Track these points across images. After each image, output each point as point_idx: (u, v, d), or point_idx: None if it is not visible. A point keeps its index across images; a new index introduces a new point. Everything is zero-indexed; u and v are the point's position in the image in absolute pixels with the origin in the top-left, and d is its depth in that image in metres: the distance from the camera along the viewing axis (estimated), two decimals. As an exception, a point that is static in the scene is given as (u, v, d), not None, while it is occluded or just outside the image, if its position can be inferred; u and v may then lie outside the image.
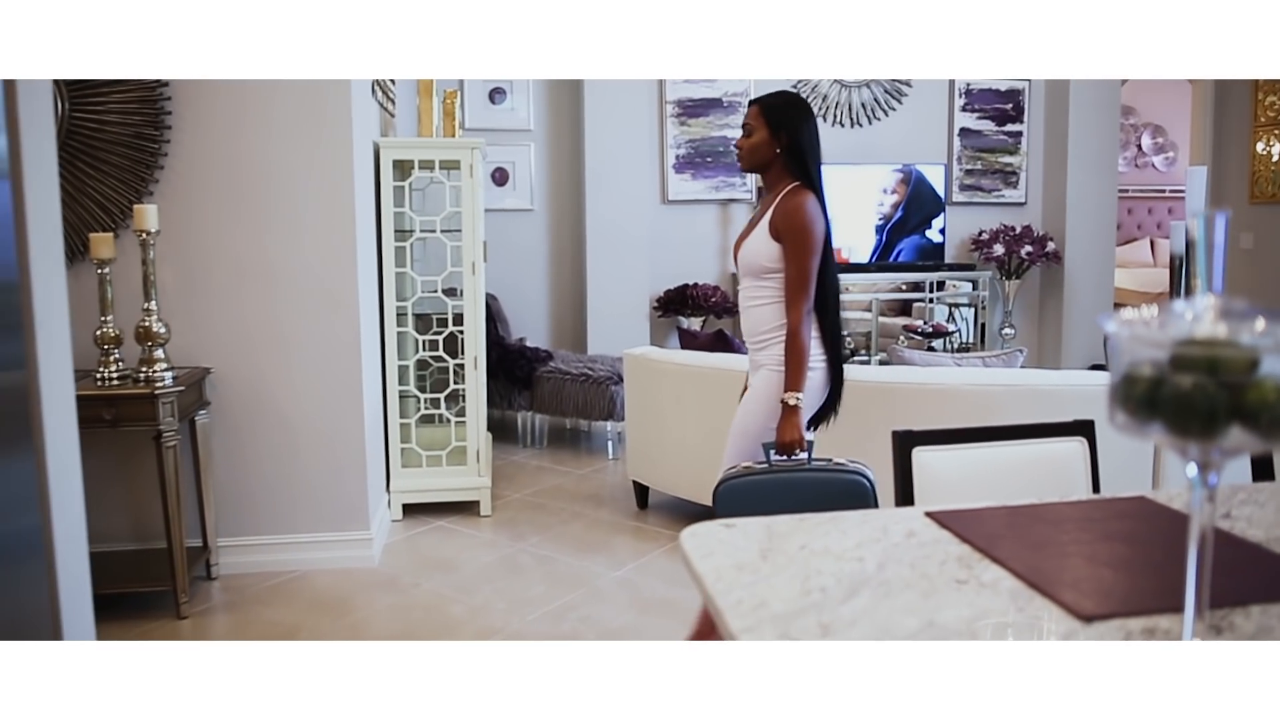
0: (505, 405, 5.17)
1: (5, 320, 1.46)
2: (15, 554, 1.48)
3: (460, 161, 4.08)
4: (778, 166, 2.62)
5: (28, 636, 1.51)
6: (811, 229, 2.51)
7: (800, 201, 2.54)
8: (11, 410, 1.48)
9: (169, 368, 3.09)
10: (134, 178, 3.37)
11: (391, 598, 3.20)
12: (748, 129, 2.65)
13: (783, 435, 2.48)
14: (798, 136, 2.59)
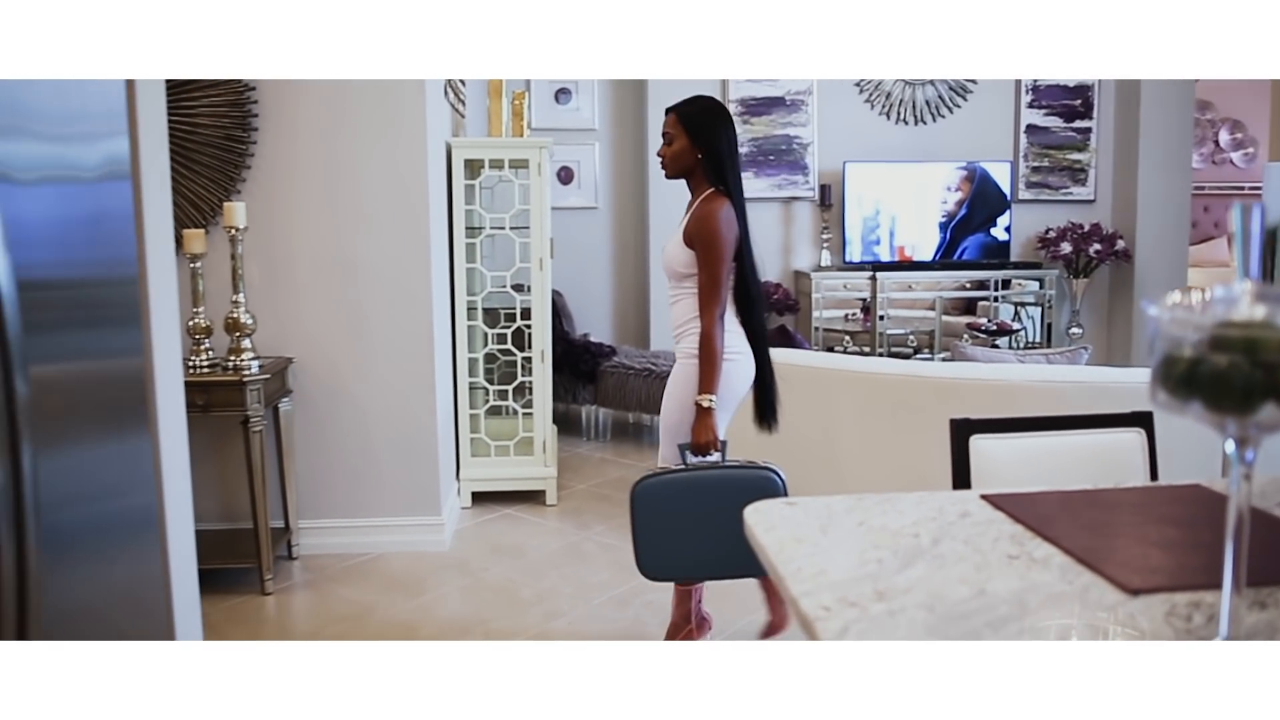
0: (569, 399, 5.28)
1: (127, 312, 1.58)
2: (135, 527, 1.60)
3: (529, 160, 4.20)
4: (698, 173, 2.67)
5: (144, 602, 1.64)
6: (721, 236, 2.56)
7: (711, 209, 2.59)
8: (132, 395, 1.60)
9: (255, 357, 3.26)
10: (223, 177, 3.56)
11: (462, 580, 3.33)
12: (667, 137, 2.71)
13: (696, 436, 2.56)
14: (715, 144, 2.63)
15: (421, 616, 3.05)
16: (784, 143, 6.49)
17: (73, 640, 1.34)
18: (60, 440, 1.35)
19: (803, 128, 6.51)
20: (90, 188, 1.46)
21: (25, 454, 1.16)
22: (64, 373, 1.37)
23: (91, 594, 1.44)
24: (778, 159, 6.51)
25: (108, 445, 1.51)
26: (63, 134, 1.40)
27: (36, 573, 1.17)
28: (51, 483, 1.29)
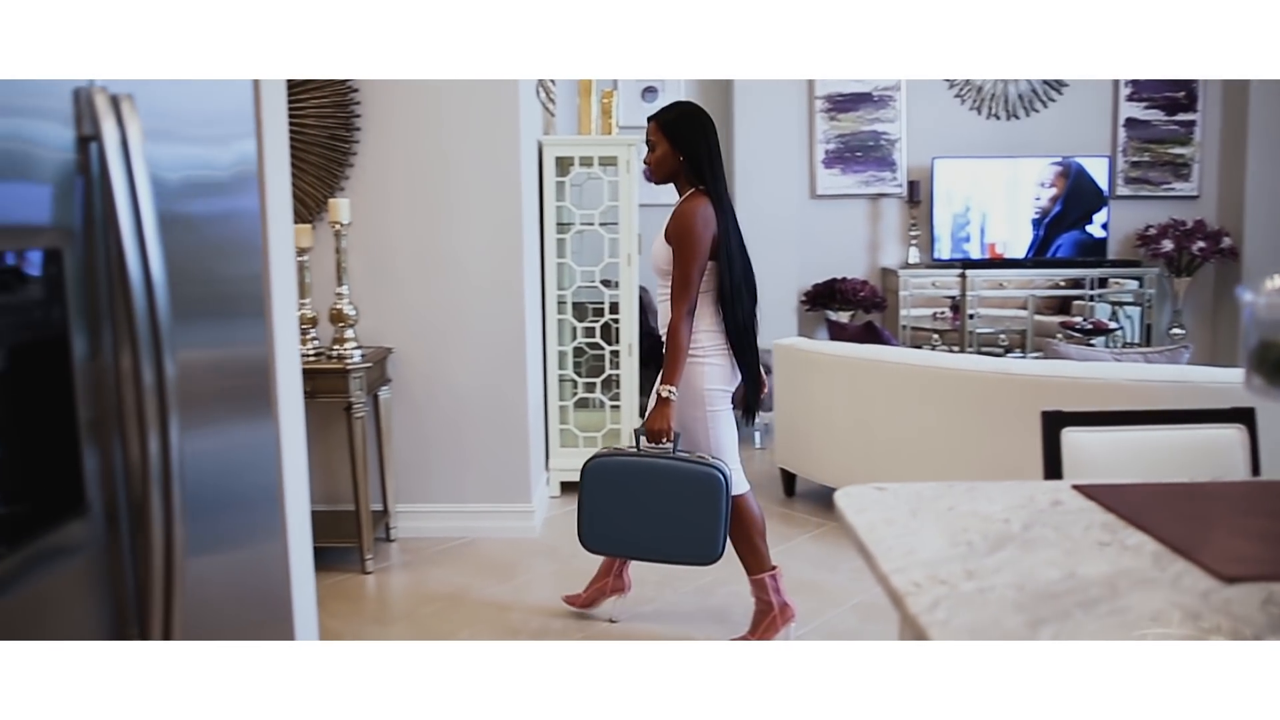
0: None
1: (253, 304, 1.70)
2: (259, 506, 1.72)
3: (617, 158, 4.28)
4: (682, 176, 2.76)
5: (268, 575, 1.75)
6: (694, 234, 2.63)
7: (689, 208, 2.68)
8: (257, 382, 1.71)
9: (358, 347, 3.42)
10: (328, 175, 3.73)
11: (552, 565, 3.43)
12: (650, 145, 2.79)
13: (651, 423, 2.65)
14: (695, 147, 2.71)
15: (513, 599, 3.15)
16: (871, 139, 6.45)
17: (205, 606, 1.45)
18: (198, 421, 1.46)
19: (890, 124, 6.45)
20: (223, 186, 1.57)
21: (173, 428, 1.27)
22: (201, 358, 1.47)
23: (222, 563, 1.55)
24: (864, 155, 6.47)
25: (237, 428, 1.62)
26: (202, 135, 1.51)
27: (183, 537, 1.28)
28: (191, 460, 1.40)
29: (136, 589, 1.30)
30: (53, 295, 1.17)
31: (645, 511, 2.63)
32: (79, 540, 1.21)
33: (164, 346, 1.25)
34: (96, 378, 1.24)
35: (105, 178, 1.20)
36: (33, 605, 1.12)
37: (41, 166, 1.15)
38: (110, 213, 1.21)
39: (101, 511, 1.25)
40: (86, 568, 1.23)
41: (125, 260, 1.22)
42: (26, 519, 1.15)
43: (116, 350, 1.26)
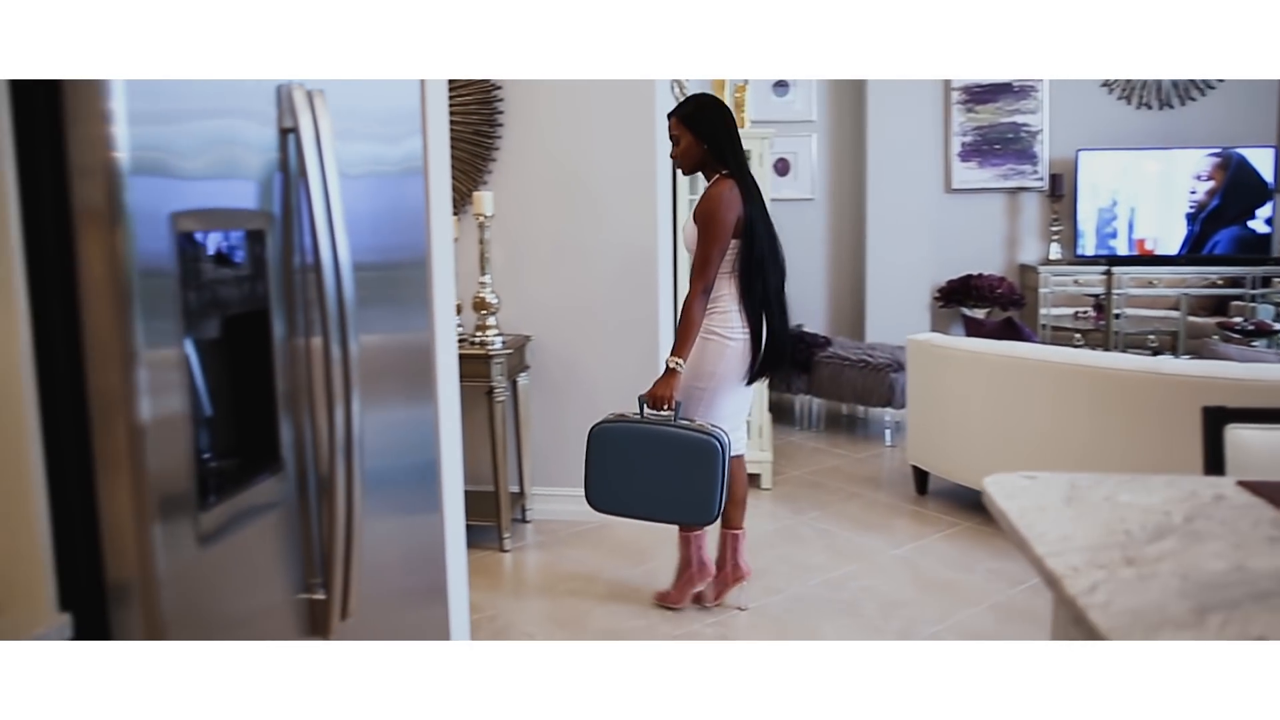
0: (783, 388, 5.34)
1: (419, 293, 1.81)
2: (421, 482, 1.83)
3: (751, 151, 4.29)
4: (709, 164, 2.90)
5: (428, 544, 1.87)
6: (715, 215, 2.77)
7: (715, 191, 2.82)
8: (421, 366, 1.83)
9: (499, 334, 3.55)
10: (472, 169, 3.88)
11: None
12: (674, 139, 2.93)
13: (654, 389, 2.80)
14: (716, 135, 2.86)
15: (645, 582, 3.22)
16: (1010, 131, 6.25)
17: (376, 567, 1.56)
18: (372, 400, 1.57)
19: (1032, 115, 6.23)
20: (394, 181, 1.68)
21: (355, 403, 1.38)
22: (375, 343, 1.59)
23: (391, 529, 1.67)
24: (1004, 148, 6.27)
25: (403, 409, 1.74)
26: (378, 134, 1.63)
27: (361, 502, 1.39)
28: (366, 434, 1.51)
29: (321, 545, 1.42)
30: (257, 273, 1.29)
31: (647, 474, 2.76)
32: (274, 497, 1.33)
33: (349, 327, 1.36)
34: (291, 354, 1.36)
35: (302, 166, 1.32)
36: (237, 552, 1.24)
37: (249, 157, 1.26)
38: (306, 199, 1.33)
39: (294, 473, 1.37)
40: (279, 522, 1.34)
41: (319, 243, 1.33)
42: (233, 473, 1.27)
43: (308, 329, 1.38)
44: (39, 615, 1.02)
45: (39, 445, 1.03)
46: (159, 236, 1.07)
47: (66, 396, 1.04)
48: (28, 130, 1.01)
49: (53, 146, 1.02)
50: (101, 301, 1.03)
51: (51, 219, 1.02)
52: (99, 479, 1.05)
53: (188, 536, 1.12)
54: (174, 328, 1.10)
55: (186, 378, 1.14)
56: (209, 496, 1.18)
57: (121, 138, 1.01)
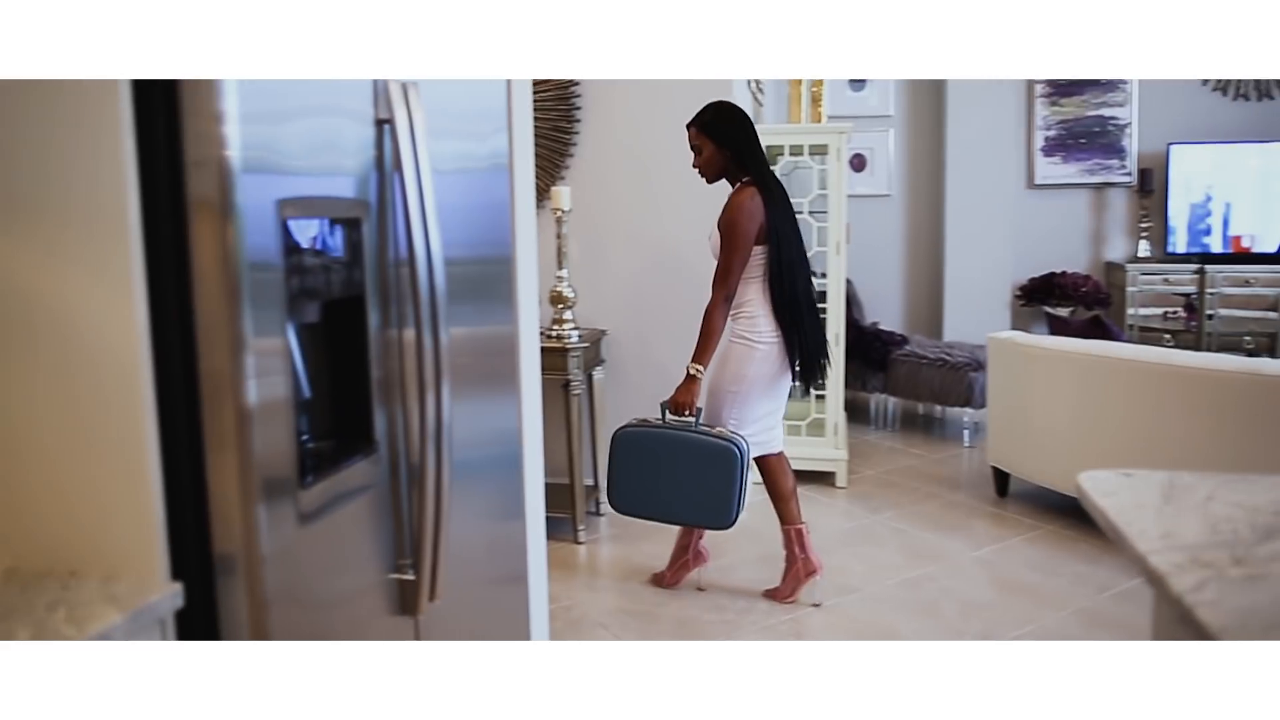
0: (859, 386, 5.27)
1: (504, 288, 1.84)
2: (505, 471, 1.87)
3: (828, 146, 4.25)
4: (732, 171, 2.94)
5: (509, 535, 1.90)
6: (738, 226, 2.82)
7: (736, 200, 2.85)
8: (505, 359, 1.86)
9: (575, 327, 3.58)
10: (550, 164, 3.92)
11: (755, 548, 3.46)
12: (696, 149, 2.96)
13: (676, 395, 2.88)
14: (736, 141, 2.91)
15: (718, 578, 3.22)
16: (1097, 124, 6.06)
17: (462, 552, 1.59)
18: (458, 392, 1.60)
19: (1119, 108, 6.04)
20: (480, 177, 1.71)
21: (445, 392, 1.41)
22: (461, 335, 1.62)
23: (476, 515, 1.70)
24: (1089, 142, 6.09)
25: (487, 401, 1.77)
26: (466, 131, 1.66)
27: (449, 488, 1.42)
28: (455, 421, 1.54)
29: (411, 528, 1.45)
30: (353, 260, 1.33)
31: (667, 478, 2.84)
32: (368, 479, 1.36)
33: (440, 319, 1.39)
34: (385, 344, 1.39)
35: (397, 157, 1.35)
36: (333, 531, 1.28)
37: (348, 151, 1.30)
38: (400, 193, 1.36)
39: (386, 457, 1.40)
40: (372, 504, 1.38)
41: (412, 236, 1.36)
42: (329, 454, 1.31)
43: (401, 320, 1.42)
44: (152, 583, 1.06)
45: (154, 424, 1.07)
46: (266, 227, 1.11)
47: (179, 379, 1.08)
48: (148, 128, 1.05)
49: (170, 143, 1.06)
50: (213, 289, 1.07)
51: (168, 212, 1.06)
52: (208, 457, 1.09)
53: (288, 514, 1.16)
54: (278, 314, 1.14)
55: (289, 362, 1.17)
56: (307, 476, 1.22)
57: (232, 136, 1.05)
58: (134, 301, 1.05)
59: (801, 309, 2.91)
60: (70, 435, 1.08)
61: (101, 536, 1.09)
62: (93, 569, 1.09)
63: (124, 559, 1.08)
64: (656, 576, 3.21)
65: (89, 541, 1.09)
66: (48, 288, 1.07)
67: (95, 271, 1.05)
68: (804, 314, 2.93)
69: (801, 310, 2.91)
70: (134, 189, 1.05)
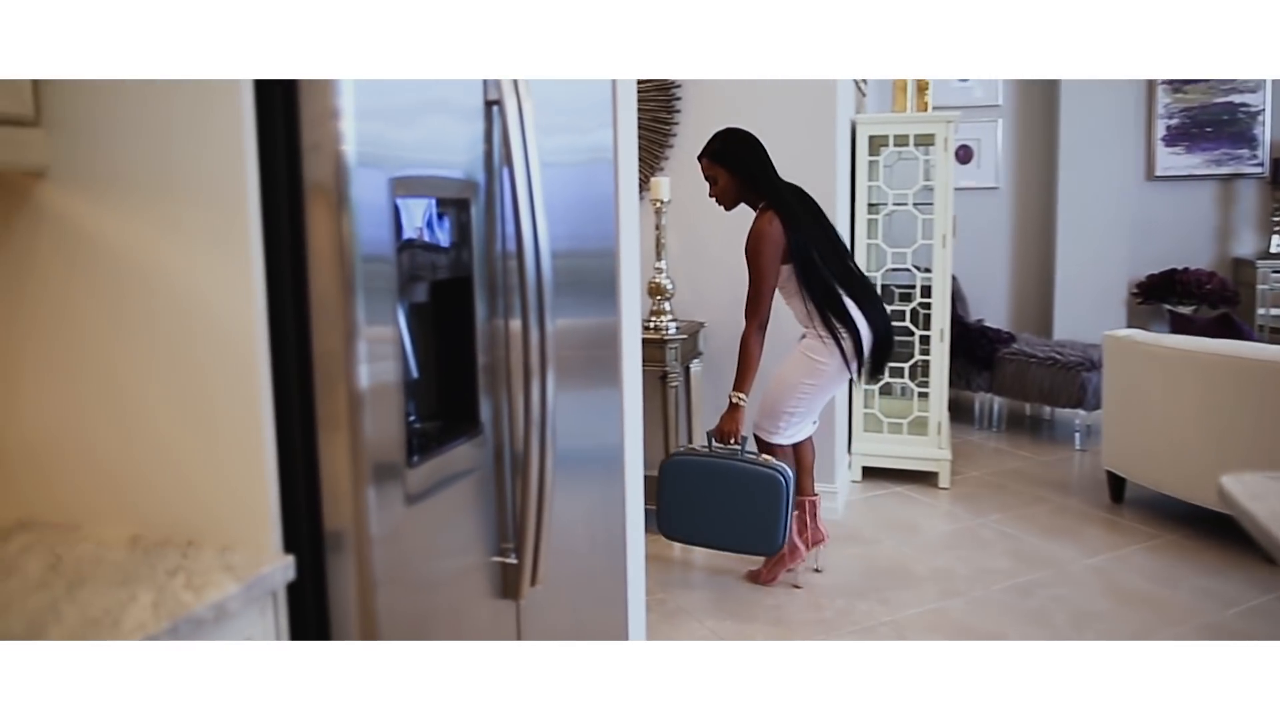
0: (963, 385, 5.10)
1: (607, 280, 1.82)
2: (607, 463, 1.85)
3: (934, 136, 4.12)
4: (748, 195, 2.99)
5: (609, 523, 1.88)
6: (760, 255, 2.86)
7: (755, 229, 2.89)
8: (607, 352, 1.84)
9: (673, 319, 3.55)
10: (649, 156, 3.89)
11: (856, 548, 3.38)
12: (711, 179, 3.02)
13: (722, 425, 2.94)
14: (748, 166, 2.96)
15: (818, 579, 3.15)
16: (1226, 112, 5.73)
17: (562, 540, 1.58)
18: (562, 382, 1.59)
19: (1251, 94, 5.69)
20: (584, 170, 1.69)
21: (550, 380, 1.39)
22: (565, 326, 1.60)
23: (576, 509, 1.68)
24: (1216, 131, 5.76)
25: (590, 391, 1.76)
26: (572, 125, 1.64)
27: (552, 475, 1.41)
28: (558, 410, 1.52)
29: (514, 512, 1.44)
30: (462, 240, 1.32)
31: (714, 506, 2.89)
32: (473, 462, 1.36)
33: (547, 309, 1.37)
34: (491, 332, 1.38)
35: (506, 144, 1.33)
36: (438, 512, 1.27)
37: (458, 129, 1.29)
38: (509, 183, 1.34)
39: (491, 441, 1.39)
40: (477, 487, 1.37)
41: (520, 223, 1.34)
42: (435, 435, 1.30)
43: (508, 310, 1.41)
44: (265, 555, 1.07)
45: (269, 402, 1.08)
46: (379, 210, 1.10)
47: (294, 359, 1.09)
48: (267, 110, 1.06)
49: (287, 126, 1.06)
50: (327, 272, 1.07)
51: (285, 194, 1.07)
52: (320, 437, 1.09)
53: (396, 494, 1.16)
54: (390, 298, 1.13)
55: (399, 346, 1.17)
56: (414, 456, 1.21)
57: (348, 125, 1.05)
58: (252, 280, 1.06)
59: (844, 311, 2.91)
60: (188, 410, 1.10)
61: (218, 509, 1.10)
62: (210, 539, 1.11)
63: (239, 531, 1.09)
64: (752, 574, 3.17)
65: (206, 513, 1.11)
66: (167, 264, 1.09)
67: (214, 249, 1.06)
68: (853, 311, 2.93)
69: (845, 311, 2.91)
70: (253, 169, 1.05)
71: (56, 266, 1.15)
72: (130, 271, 1.11)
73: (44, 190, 1.15)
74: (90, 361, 1.14)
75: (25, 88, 1.11)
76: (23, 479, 1.21)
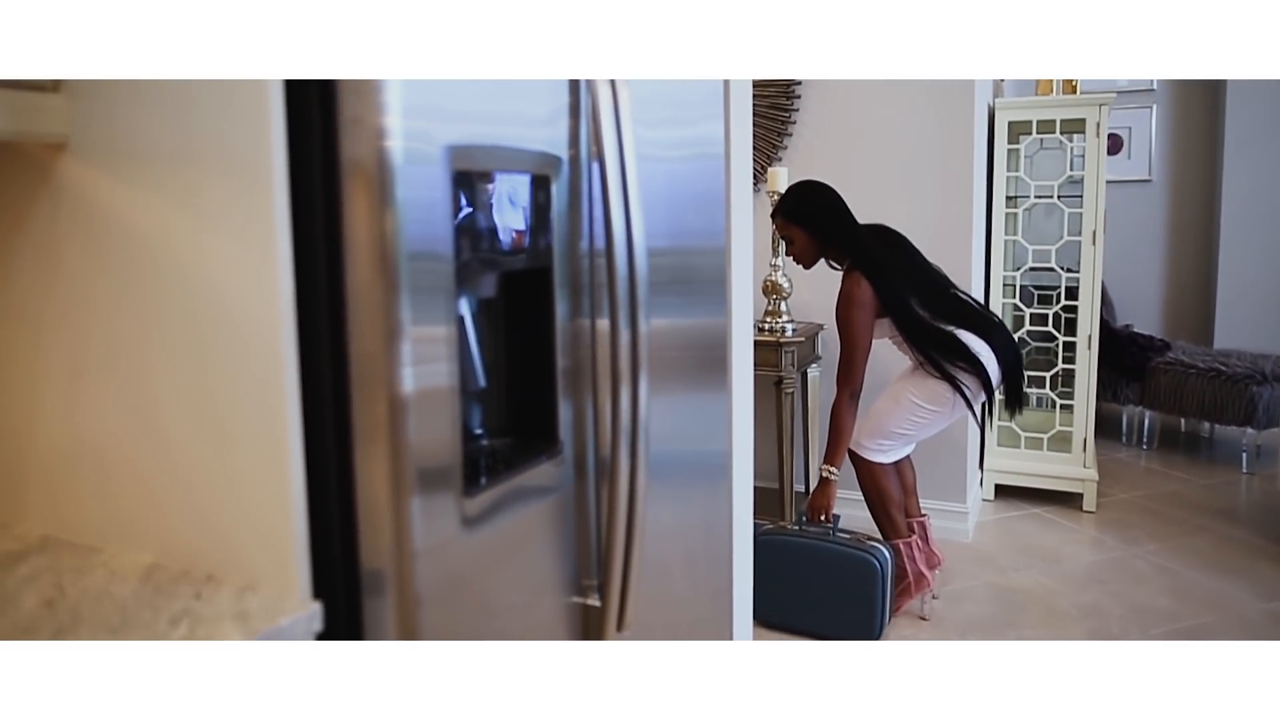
0: (1109, 397, 4.65)
1: (715, 278, 1.61)
2: (712, 472, 1.64)
3: (1085, 121, 3.72)
4: (829, 251, 2.82)
5: (714, 540, 1.66)
6: (851, 320, 2.68)
7: (843, 291, 2.71)
8: (716, 353, 1.64)
9: (790, 320, 3.29)
10: (766, 144, 3.64)
11: (989, 576, 3.05)
12: (787, 239, 2.87)
13: (813, 500, 2.79)
14: (825, 222, 2.78)
15: (947, 610, 2.84)
16: None
17: (656, 562, 1.37)
18: (660, 384, 1.39)
19: None
20: (690, 164, 1.49)
21: (643, 386, 1.17)
22: (664, 328, 1.41)
23: (673, 520, 1.47)
24: None
25: (695, 394, 1.56)
26: (674, 117, 1.44)
27: (645, 492, 1.19)
28: (653, 418, 1.33)
29: (599, 543, 1.23)
30: (540, 225, 1.11)
31: (805, 589, 2.69)
32: (551, 482, 1.15)
33: (640, 309, 1.16)
34: (575, 333, 1.18)
35: (595, 113, 1.12)
36: (505, 541, 1.07)
37: (533, 87, 1.08)
38: (600, 176, 1.14)
39: (572, 458, 1.19)
40: (554, 513, 1.17)
41: (611, 219, 1.13)
42: (505, 453, 1.10)
43: (594, 309, 1.20)
44: (288, 600, 0.89)
45: (297, 412, 0.90)
46: (431, 197, 0.91)
47: (328, 362, 0.90)
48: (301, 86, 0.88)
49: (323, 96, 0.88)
50: (366, 265, 0.88)
51: (320, 176, 0.88)
52: (357, 455, 0.91)
53: (451, 524, 0.96)
54: (445, 293, 0.94)
55: (457, 347, 0.97)
56: (480, 479, 1.02)
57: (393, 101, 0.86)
58: (278, 271, 0.87)
59: (961, 350, 2.67)
60: (205, 422, 0.93)
61: (238, 541, 0.93)
62: (231, 575, 0.94)
63: (262, 568, 0.92)
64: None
65: (226, 545, 0.94)
66: (182, 247, 0.92)
67: (236, 231, 0.88)
68: (974, 345, 2.68)
69: (962, 349, 2.67)
70: (280, 141, 0.87)
71: (75, 252, 1.00)
72: (138, 254, 0.94)
73: (65, 166, 1.00)
74: (113, 363, 0.99)
75: (40, 46, 0.96)
76: (46, 492, 1.07)
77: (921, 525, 2.88)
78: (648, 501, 1.22)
